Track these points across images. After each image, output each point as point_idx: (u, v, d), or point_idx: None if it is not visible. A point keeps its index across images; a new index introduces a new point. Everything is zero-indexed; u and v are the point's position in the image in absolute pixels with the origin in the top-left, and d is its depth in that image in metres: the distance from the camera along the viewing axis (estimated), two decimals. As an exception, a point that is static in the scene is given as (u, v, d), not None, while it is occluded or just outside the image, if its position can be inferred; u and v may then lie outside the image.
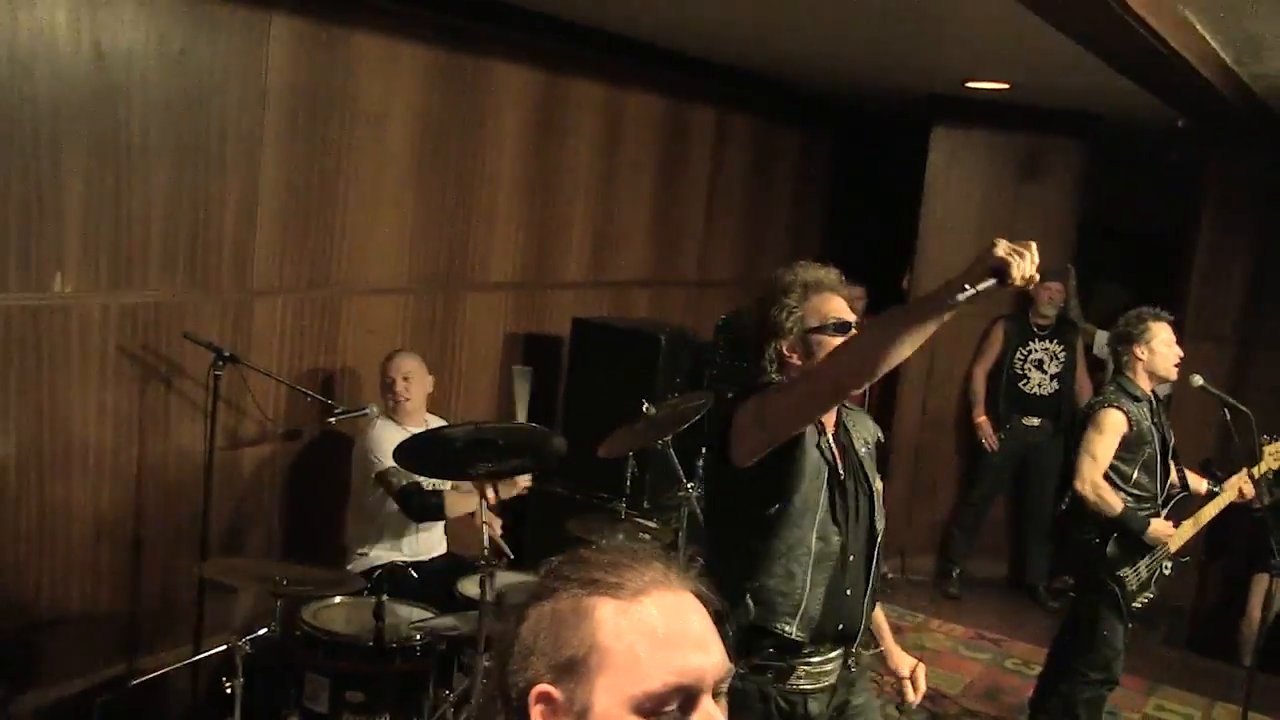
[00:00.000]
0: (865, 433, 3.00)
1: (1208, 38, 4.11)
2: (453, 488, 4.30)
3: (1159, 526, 4.48)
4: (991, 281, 2.22)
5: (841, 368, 2.62)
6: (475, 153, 5.11)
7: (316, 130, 4.40)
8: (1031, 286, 2.33)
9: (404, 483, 4.15)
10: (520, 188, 5.39)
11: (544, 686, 1.18)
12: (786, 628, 2.71)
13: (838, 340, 2.75)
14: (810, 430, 2.75)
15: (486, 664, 3.44)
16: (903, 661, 3.12)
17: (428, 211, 4.93)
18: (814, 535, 2.73)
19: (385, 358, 4.47)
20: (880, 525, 2.94)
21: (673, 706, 1.17)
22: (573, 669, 1.17)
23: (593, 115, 5.75)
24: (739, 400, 2.78)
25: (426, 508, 4.18)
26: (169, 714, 4.21)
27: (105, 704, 3.76)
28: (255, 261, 4.29)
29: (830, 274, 2.85)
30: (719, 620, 1.28)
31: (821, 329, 2.78)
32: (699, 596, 1.26)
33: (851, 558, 2.83)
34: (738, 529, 2.80)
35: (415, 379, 4.39)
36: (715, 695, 1.22)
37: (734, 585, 2.66)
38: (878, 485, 2.92)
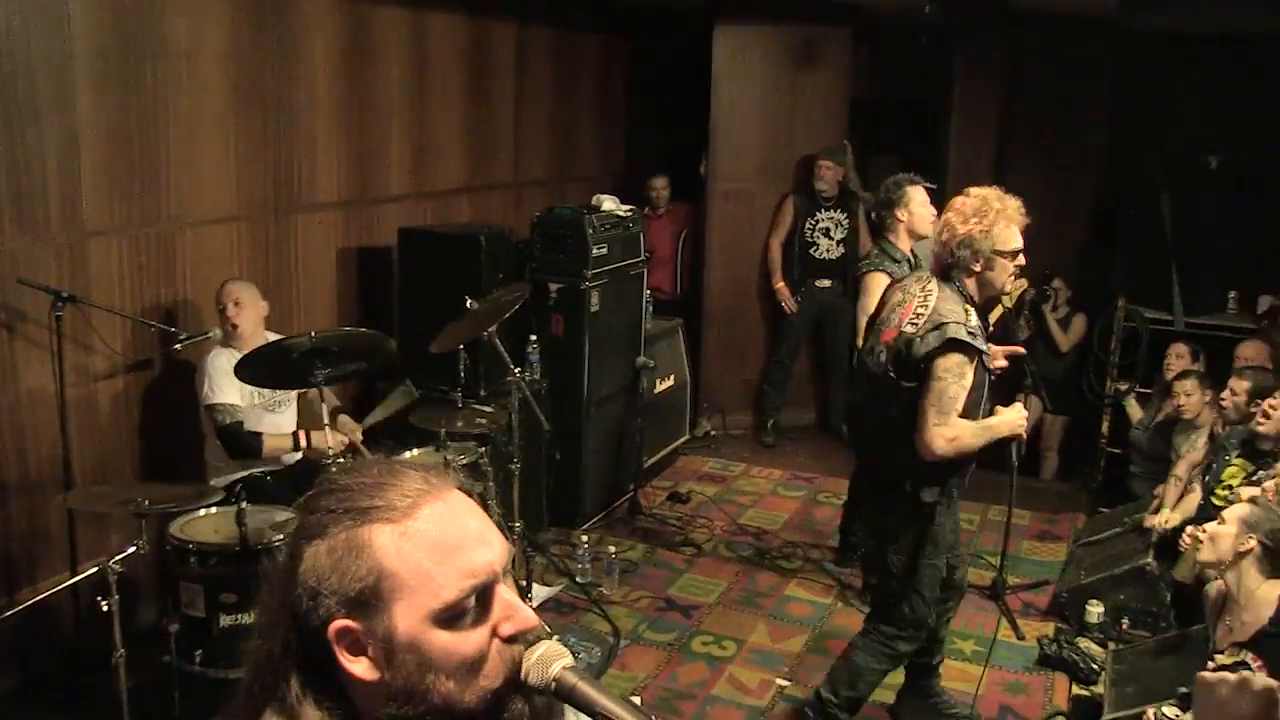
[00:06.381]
0: None
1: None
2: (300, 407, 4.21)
3: None
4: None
5: (957, 453, 3.39)
6: (290, 81, 4.93)
7: (129, 72, 4.18)
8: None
9: (227, 421, 4.08)
10: (338, 111, 5.24)
11: (341, 622, 1.08)
12: None
13: (1012, 266, 3.22)
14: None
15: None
16: None
17: (250, 141, 4.76)
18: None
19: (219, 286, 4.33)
20: None
21: (471, 606, 1.10)
22: (366, 600, 1.08)
23: (399, 37, 5.57)
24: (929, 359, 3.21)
25: (245, 448, 4.12)
26: (54, 638, 4.12)
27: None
28: (84, 204, 4.09)
29: (1013, 203, 3.21)
30: (485, 506, 1.21)
31: (1004, 253, 3.18)
32: (464, 490, 1.17)
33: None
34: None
35: (245, 304, 4.22)
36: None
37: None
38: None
